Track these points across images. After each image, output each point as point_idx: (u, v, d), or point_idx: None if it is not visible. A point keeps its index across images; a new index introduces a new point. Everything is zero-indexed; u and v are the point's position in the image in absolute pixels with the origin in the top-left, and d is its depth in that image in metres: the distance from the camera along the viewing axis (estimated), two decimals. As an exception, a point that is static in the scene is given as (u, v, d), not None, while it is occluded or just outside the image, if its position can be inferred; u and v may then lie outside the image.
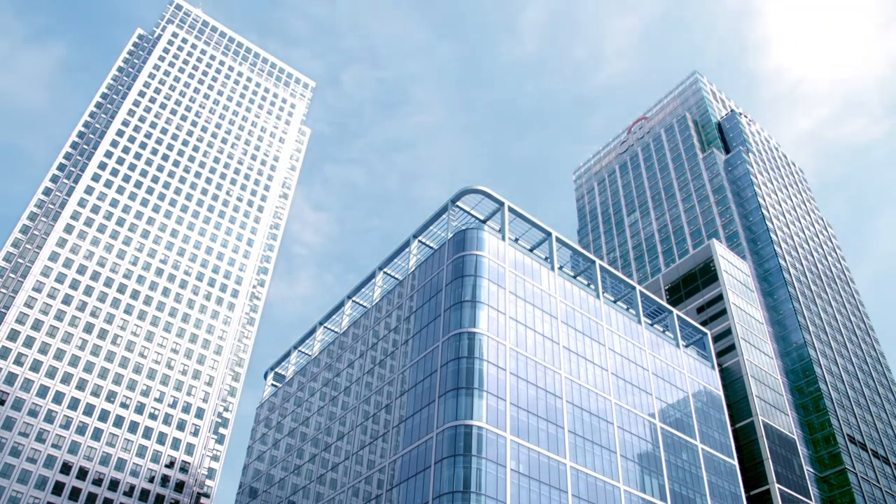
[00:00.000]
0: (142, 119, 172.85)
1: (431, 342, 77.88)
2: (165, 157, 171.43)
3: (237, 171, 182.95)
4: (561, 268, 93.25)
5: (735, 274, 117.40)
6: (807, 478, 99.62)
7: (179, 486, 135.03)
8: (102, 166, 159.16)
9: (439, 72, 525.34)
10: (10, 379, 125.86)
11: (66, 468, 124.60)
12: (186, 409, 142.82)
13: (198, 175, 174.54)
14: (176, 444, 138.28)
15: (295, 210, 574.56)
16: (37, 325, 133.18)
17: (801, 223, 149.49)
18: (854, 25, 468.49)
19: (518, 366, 75.38)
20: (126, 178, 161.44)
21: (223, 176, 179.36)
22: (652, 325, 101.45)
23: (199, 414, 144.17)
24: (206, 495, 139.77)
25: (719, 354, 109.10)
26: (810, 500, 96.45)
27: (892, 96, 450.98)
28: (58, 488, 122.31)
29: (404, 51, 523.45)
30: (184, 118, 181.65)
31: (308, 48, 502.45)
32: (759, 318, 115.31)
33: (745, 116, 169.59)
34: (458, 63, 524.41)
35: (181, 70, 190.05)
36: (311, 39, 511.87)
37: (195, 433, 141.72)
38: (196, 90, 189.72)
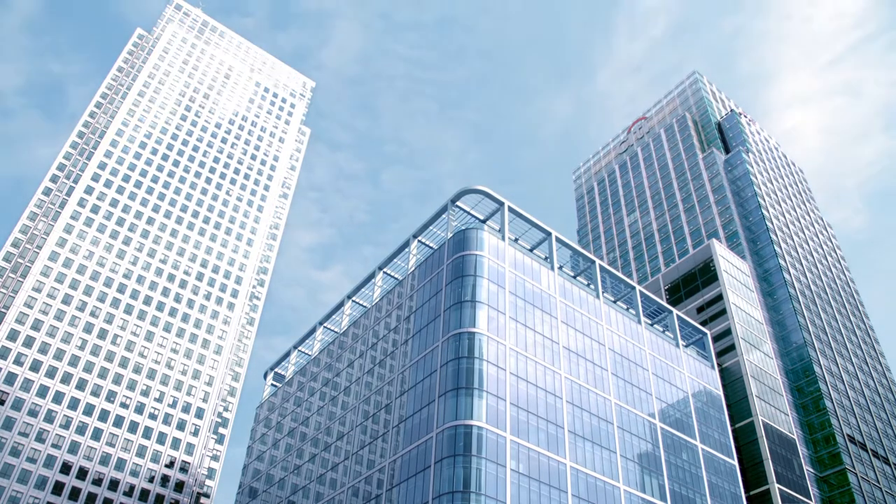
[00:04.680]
0: (142, 119, 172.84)
1: (431, 342, 77.86)
2: (165, 157, 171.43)
3: (237, 171, 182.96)
4: (561, 268, 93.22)
5: (735, 274, 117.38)
6: (807, 478, 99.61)
7: (179, 486, 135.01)
8: (102, 166, 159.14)
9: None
10: (10, 379, 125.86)
11: (65, 468, 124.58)
12: (186, 409, 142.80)
13: (198, 175, 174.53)
14: (176, 444, 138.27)
15: (296, 206, 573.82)
16: (37, 325, 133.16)
17: (800, 223, 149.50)
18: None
19: (518, 366, 75.36)
20: (126, 178, 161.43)
21: (223, 176, 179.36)
22: (652, 324, 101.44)
23: (199, 414, 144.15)
24: (206, 495, 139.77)
25: (719, 354, 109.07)
26: (810, 500, 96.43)
27: None
28: (58, 488, 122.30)
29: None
30: (184, 118, 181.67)
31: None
32: (759, 318, 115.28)
33: (745, 116, 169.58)
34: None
35: (181, 70, 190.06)
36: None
37: (195, 433, 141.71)
38: (196, 90, 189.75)
